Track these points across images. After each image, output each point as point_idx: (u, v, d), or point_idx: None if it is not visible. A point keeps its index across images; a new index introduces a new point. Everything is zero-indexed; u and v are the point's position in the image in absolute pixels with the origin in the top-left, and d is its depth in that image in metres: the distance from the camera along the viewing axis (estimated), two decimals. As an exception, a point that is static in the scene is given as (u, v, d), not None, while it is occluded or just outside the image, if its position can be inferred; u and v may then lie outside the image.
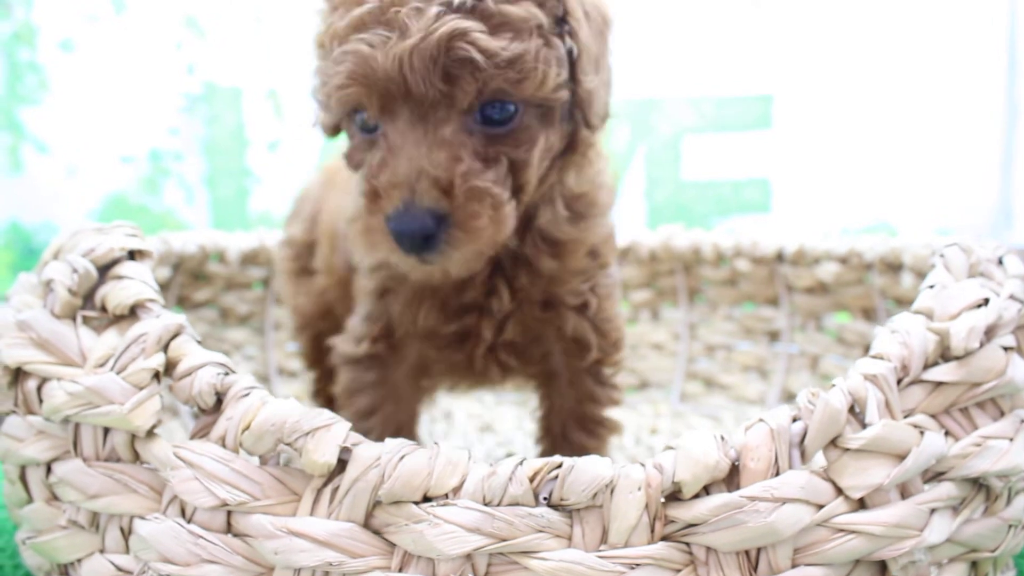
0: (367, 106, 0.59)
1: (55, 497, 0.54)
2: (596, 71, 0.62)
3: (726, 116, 1.65)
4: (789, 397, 1.15)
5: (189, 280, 1.15)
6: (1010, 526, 0.56)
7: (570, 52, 0.60)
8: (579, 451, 0.77)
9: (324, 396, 1.00)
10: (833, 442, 0.51)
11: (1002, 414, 0.56)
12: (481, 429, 1.16)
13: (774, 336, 1.22)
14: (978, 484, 0.54)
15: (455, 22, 0.54)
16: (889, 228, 1.66)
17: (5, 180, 1.62)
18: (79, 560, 0.53)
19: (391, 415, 0.77)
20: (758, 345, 1.23)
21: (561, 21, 0.60)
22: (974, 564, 0.56)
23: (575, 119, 0.64)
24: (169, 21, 1.63)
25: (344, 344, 0.77)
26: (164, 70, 1.65)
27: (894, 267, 0.98)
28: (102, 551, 0.52)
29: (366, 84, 0.57)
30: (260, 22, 1.65)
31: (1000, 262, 0.67)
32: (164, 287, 1.07)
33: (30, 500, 0.55)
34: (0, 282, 1.62)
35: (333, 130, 0.67)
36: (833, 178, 1.66)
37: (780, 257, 1.16)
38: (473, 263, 0.62)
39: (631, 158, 1.66)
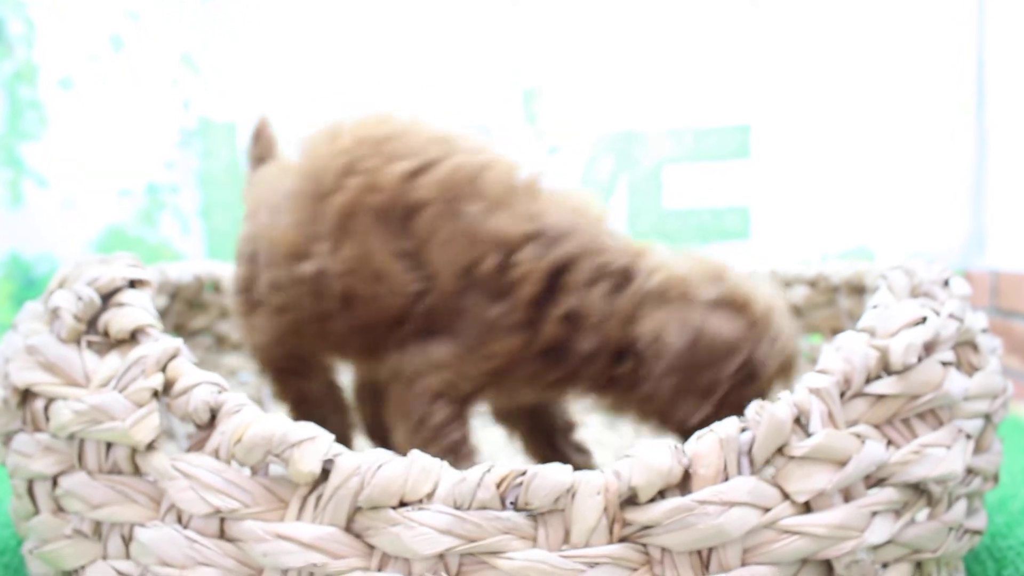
0: None
1: (60, 508, 0.57)
2: None
3: (705, 146, 1.69)
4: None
5: (185, 308, 1.19)
6: (950, 529, 0.60)
7: None
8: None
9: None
10: (779, 450, 0.54)
11: (941, 424, 0.60)
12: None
13: (752, 358, 1.25)
14: (919, 489, 0.58)
15: None
16: (867, 253, 1.70)
17: (6, 213, 1.66)
18: (83, 567, 0.56)
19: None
20: (737, 367, 1.26)
21: None
22: (919, 565, 0.59)
23: None
24: (166, 59, 1.68)
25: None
26: (160, 106, 1.69)
27: (858, 289, 1.03)
28: (104, 557, 0.55)
29: None
30: (253, 60, 1.70)
31: (946, 283, 0.71)
32: (162, 315, 1.10)
33: (36, 512, 0.59)
34: (0, 312, 1.66)
35: None
36: (811, 205, 1.70)
37: (754, 282, 1.20)
38: None
39: (614, 188, 1.70)
